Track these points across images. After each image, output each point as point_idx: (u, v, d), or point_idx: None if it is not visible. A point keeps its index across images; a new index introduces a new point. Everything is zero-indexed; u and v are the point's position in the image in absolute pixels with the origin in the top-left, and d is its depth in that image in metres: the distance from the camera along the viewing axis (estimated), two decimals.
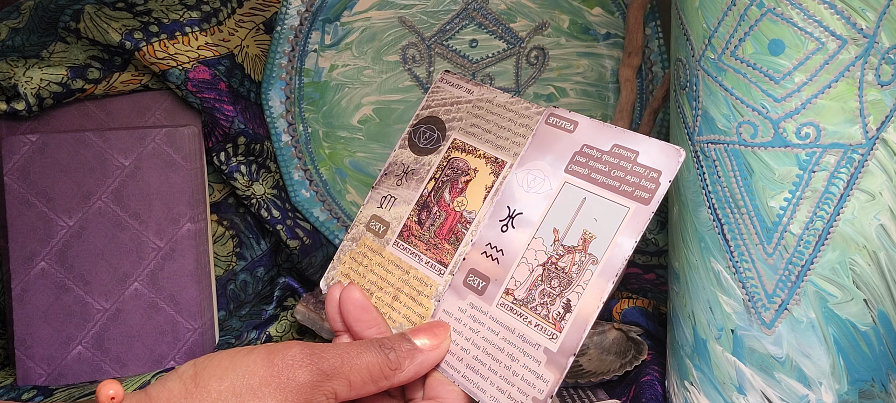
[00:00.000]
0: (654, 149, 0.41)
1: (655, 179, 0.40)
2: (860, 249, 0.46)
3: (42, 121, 0.66)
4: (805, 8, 0.44)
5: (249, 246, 0.73)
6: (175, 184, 0.63)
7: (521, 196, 0.44)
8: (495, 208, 0.44)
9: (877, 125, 0.45)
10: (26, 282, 0.62)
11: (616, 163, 0.42)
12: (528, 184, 0.44)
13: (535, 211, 0.43)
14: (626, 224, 0.40)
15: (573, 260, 0.41)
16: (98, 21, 0.64)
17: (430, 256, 0.45)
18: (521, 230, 0.43)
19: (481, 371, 0.41)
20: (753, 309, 0.48)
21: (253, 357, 0.39)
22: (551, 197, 0.43)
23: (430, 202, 0.47)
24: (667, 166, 0.40)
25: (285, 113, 0.70)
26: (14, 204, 0.62)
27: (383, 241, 0.48)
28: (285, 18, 0.68)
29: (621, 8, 0.74)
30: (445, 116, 0.49)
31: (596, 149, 0.43)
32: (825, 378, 0.48)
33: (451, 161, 0.47)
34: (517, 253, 0.42)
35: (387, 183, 0.50)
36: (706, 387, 0.51)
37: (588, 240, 0.41)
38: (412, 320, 0.45)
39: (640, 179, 0.41)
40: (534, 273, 0.42)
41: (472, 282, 0.44)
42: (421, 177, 0.48)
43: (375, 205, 0.50)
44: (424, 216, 0.47)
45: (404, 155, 0.50)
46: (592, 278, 0.40)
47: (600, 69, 0.75)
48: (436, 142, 0.49)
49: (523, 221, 0.43)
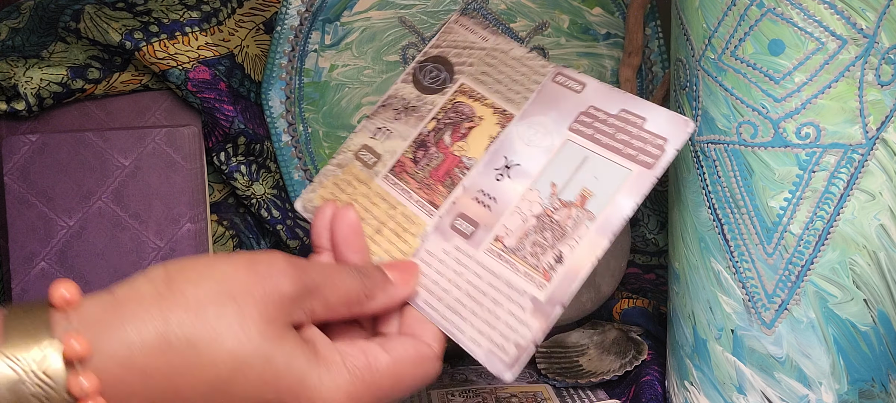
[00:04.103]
0: (661, 117, 0.41)
1: (661, 146, 0.40)
2: (860, 249, 0.46)
3: (42, 121, 0.66)
4: (805, 8, 0.44)
5: (249, 246, 0.73)
6: (175, 184, 0.64)
7: (520, 148, 0.43)
8: (491, 156, 0.44)
9: (877, 125, 0.45)
10: (26, 282, 0.62)
11: (622, 127, 0.41)
12: (528, 137, 0.43)
13: (534, 164, 0.42)
14: (628, 185, 0.40)
15: (569, 215, 0.40)
16: (98, 21, 0.64)
17: (422, 195, 0.44)
18: (518, 180, 0.42)
19: (462, 312, 0.41)
20: (753, 309, 0.48)
21: (233, 262, 0.36)
22: (552, 152, 0.42)
23: (429, 142, 0.46)
24: (674, 134, 0.40)
25: (285, 113, 0.70)
26: (14, 204, 0.62)
27: (372, 172, 0.47)
28: (285, 18, 0.68)
29: (621, 8, 0.74)
30: (455, 59, 0.48)
31: (602, 111, 0.42)
32: (825, 378, 0.48)
33: (457, 104, 0.47)
34: (510, 202, 0.42)
35: (383, 115, 0.49)
36: (706, 387, 0.51)
37: (586, 197, 0.40)
38: (393, 255, 0.44)
39: (645, 144, 0.40)
40: (527, 223, 0.41)
41: (460, 226, 0.43)
42: (421, 115, 0.47)
43: (368, 135, 0.48)
44: (421, 154, 0.46)
45: (406, 90, 0.49)
46: (588, 233, 0.39)
47: (600, 69, 0.75)
48: (442, 83, 0.48)
49: (520, 172, 0.43)
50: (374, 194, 0.46)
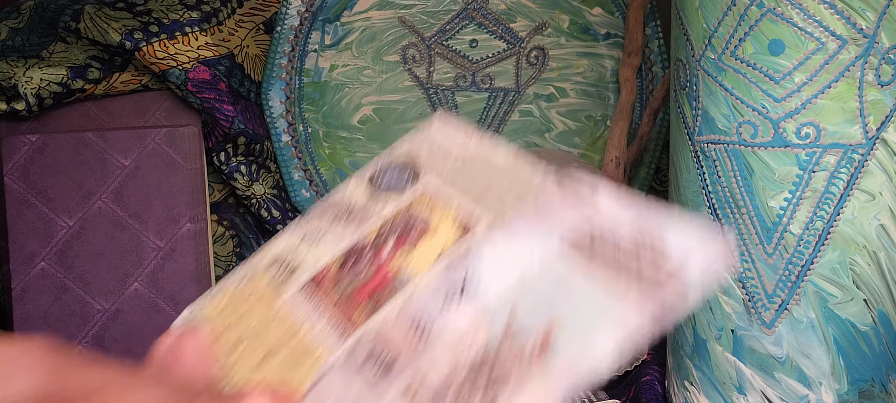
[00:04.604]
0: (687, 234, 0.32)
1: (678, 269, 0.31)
2: (860, 249, 0.46)
3: (42, 121, 0.66)
4: (805, 8, 0.44)
5: (249, 246, 0.73)
6: (175, 184, 0.64)
7: (487, 264, 0.34)
8: (449, 273, 0.34)
9: (877, 125, 0.45)
10: (26, 282, 0.62)
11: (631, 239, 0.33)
12: (502, 251, 0.34)
13: (497, 286, 0.33)
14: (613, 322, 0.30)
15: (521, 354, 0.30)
16: (98, 21, 0.64)
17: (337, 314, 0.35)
18: (468, 306, 0.33)
19: None
20: (753, 309, 0.48)
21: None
22: (526, 268, 0.33)
23: (365, 252, 0.37)
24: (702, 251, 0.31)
25: (285, 113, 0.70)
26: (14, 204, 0.62)
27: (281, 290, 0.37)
28: (285, 18, 0.68)
29: (621, 8, 0.74)
30: (426, 163, 0.40)
31: (610, 221, 0.34)
32: (825, 378, 0.48)
33: (411, 212, 0.38)
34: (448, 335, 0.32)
35: (320, 216, 0.40)
36: (706, 387, 0.51)
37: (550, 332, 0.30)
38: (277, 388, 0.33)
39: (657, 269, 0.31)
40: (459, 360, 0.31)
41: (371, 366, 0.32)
42: (366, 218, 0.39)
43: (296, 238, 0.40)
44: (349, 266, 0.37)
45: (358, 192, 0.41)
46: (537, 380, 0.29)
47: (600, 69, 0.75)
48: (402, 185, 0.39)
49: (475, 296, 0.33)
50: (272, 316, 0.36)
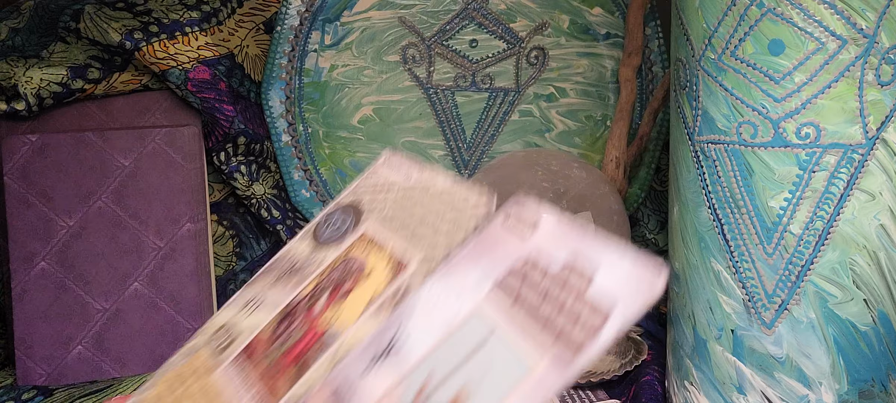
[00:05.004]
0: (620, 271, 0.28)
1: (604, 317, 0.27)
2: (860, 249, 0.46)
3: (42, 121, 0.66)
4: (805, 8, 0.44)
5: (249, 246, 0.73)
6: (175, 184, 0.64)
7: (419, 318, 0.33)
8: (379, 333, 0.33)
9: (877, 125, 0.45)
10: (26, 282, 0.62)
11: (558, 288, 0.30)
12: (434, 302, 0.33)
13: (420, 347, 0.31)
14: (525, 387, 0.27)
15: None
16: (98, 21, 0.64)
17: (262, 386, 0.34)
18: (389, 371, 0.31)
19: None
20: (753, 309, 0.48)
21: None
22: (451, 327, 0.31)
23: (299, 311, 0.37)
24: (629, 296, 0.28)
25: (285, 113, 0.70)
26: (14, 204, 0.62)
27: (219, 360, 0.37)
28: (285, 18, 0.68)
29: (621, 8, 0.74)
30: (369, 204, 0.40)
31: (541, 265, 0.31)
32: (825, 378, 0.48)
33: (349, 259, 0.37)
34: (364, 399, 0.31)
35: (263, 281, 0.40)
36: (706, 387, 0.51)
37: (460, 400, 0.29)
38: None
39: (579, 317, 0.28)
40: None
41: None
42: (304, 275, 0.38)
43: (237, 309, 0.40)
44: (283, 328, 0.36)
45: (301, 247, 0.40)
46: None
47: (600, 69, 0.75)
48: (343, 233, 0.39)
49: (397, 355, 0.32)
50: (206, 392, 0.36)
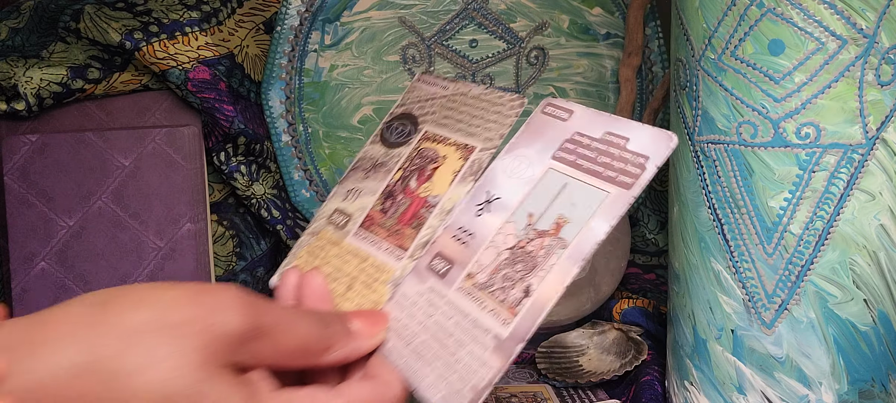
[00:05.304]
0: (645, 136, 0.40)
1: (642, 165, 0.39)
2: (860, 249, 0.46)
3: (42, 121, 0.66)
4: (805, 8, 0.44)
5: (249, 246, 0.73)
6: (175, 183, 0.64)
7: (502, 181, 0.43)
8: (475, 193, 0.44)
9: (877, 125, 0.45)
10: (26, 282, 0.62)
11: (605, 150, 0.41)
12: (511, 170, 0.43)
13: (514, 197, 0.42)
14: (603, 208, 0.39)
15: (542, 244, 0.40)
16: (98, 21, 0.64)
17: (391, 242, 0.45)
18: (497, 214, 0.42)
19: (426, 356, 0.40)
20: (753, 309, 0.48)
21: (179, 291, 0.33)
22: (532, 182, 0.42)
23: (396, 191, 0.47)
24: (656, 151, 0.39)
25: (285, 113, 0.70)
26: (14, 204, 0.62)
27: (343, 233, 0.47)
28: (285, 18, 0.68)
29: (621, 8, 0.74)
30: (419, 112, 0.50)
31: (586, 136, 0.42)
32: (825, 378, 0.48)
33: (421, 151, 0.47)
34: (486, 236, 0.42)
35: (354, 177, 0.50)
36: (706, 387, 0.51)
37: (561, 225, 0.40)
38: (364, 307, 0.44)
39: (625, 165, 0.40)
40: (500, 256, 0.41)
41: (436, 266, 0.43)
42: (389, 168, 0.48)
43: (340, 199, 0.49)
44: (389, 204, 0.47)
45: (374, 149, 0.50)
46: (558, 262, 0.39)
47: (600, 69, 0.75)
48: (407, 136, 0.49)
49: (500, 206, 0.42)
50: (344, 252, 0.46)
